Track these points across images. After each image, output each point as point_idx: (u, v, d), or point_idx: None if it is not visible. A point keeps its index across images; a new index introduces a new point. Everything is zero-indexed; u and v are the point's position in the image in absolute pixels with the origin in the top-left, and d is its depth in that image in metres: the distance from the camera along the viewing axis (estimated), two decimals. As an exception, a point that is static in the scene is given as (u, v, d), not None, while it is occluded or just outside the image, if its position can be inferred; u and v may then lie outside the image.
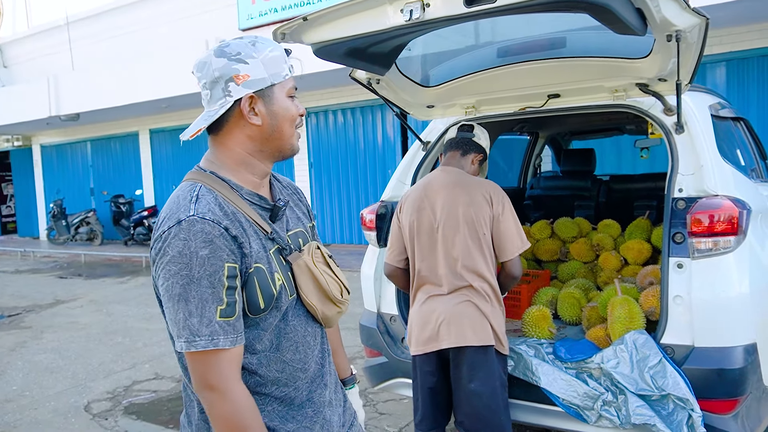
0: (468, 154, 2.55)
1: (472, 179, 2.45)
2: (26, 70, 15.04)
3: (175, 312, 1.12)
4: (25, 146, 15.90)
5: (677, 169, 2.32)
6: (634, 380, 2.14)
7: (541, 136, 4.92)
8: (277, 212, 1.29)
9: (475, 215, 2.33)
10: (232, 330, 1.14)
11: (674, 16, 1.90)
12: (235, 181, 1.25)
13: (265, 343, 1.25)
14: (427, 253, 2.41)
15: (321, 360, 1.37)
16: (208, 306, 1.11)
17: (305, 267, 1.28)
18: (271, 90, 1.23)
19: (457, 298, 2.31)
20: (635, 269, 3.03)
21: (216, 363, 1.13)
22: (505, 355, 2.35)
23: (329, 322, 1.38)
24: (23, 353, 5.37)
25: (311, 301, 1.29)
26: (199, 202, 1.16)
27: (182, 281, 1.11)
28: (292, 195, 1.45)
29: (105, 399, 4.13)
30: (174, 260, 1.11)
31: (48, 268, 11.23)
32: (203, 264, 1.11)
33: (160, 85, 10.33)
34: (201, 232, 1.12)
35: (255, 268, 1.19)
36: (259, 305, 1.20)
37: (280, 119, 1.25)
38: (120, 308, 7.10)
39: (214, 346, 1.12)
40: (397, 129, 9.96)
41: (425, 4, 1.86)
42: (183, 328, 1.12)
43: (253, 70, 1.20)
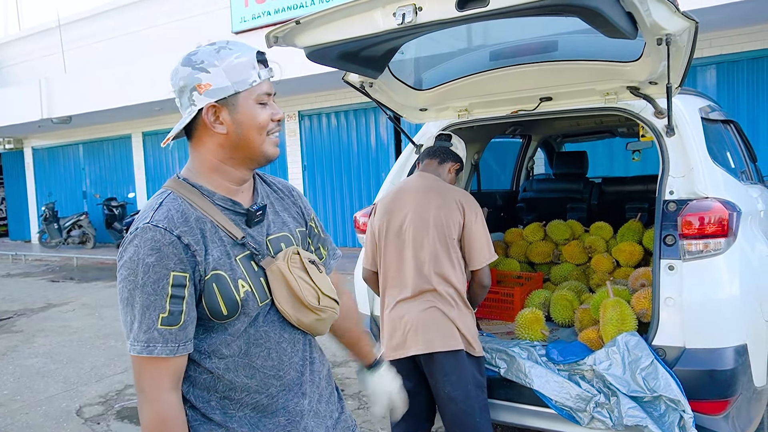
0: (445, 162, 2.57)
1: (445, 185, 2.48)
2: (18, 73, 14.97)
3: (124, 314, 1.16)
4: (17, 149, 15.81)
5: (668, 172, 2.34)
6: (626, 382, 2.15)
7: (533, 138, 4.94)
8: (252, 217, 1.28)
9: (445, 219, 2.34)
10: (173, 339, 1.15)
11: (664, 20, 1.92)
12: (208, 188, 1.25)
13: (233, 348, 1.24)
14: (395, 255, 2.43)
15: (301, 368, 1.33)
16: (149, 313, 1.13)
17: (278, 272, 1.26)
18: (235, 98, 1.21)
19: (423, 303, 2.33)
20: (627, 271, 3.04)
21: (149, 369, 1.15)
22: (479, 357, 2.35)
23: (311, 330, 1.34)
24: (14, 357, 5.33)
25: (284, 307, 1.27)
26: (160, 209, 1.18)
27: (129, 286, 1.14)
28: (283, 198, 1.42)
29: (97, 403, 4.10)
30: (125, 265, 1.15)
31: (39, 271, 11.16)
32: (148, 271, 1.13)
33: (153, 87, 10.28)
34: (151, 240, 1.14)
35: (213, 274, 1.19)
36: (221, 311, 1.20)
37: (245, 128, 1.23)
38: (112, 312, 7.06)
39: (149, 353, 1.13)
40: (391, 132, 9.98)
41: (417, 8, 1.87)
42: (129, 331, 1.15)
43: (215, 78, 1.20)
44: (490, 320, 3.03)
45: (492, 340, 2.56)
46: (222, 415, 1.25)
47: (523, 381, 2.37)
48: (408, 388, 2.40)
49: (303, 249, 1.37)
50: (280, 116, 1.28)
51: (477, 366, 2.32)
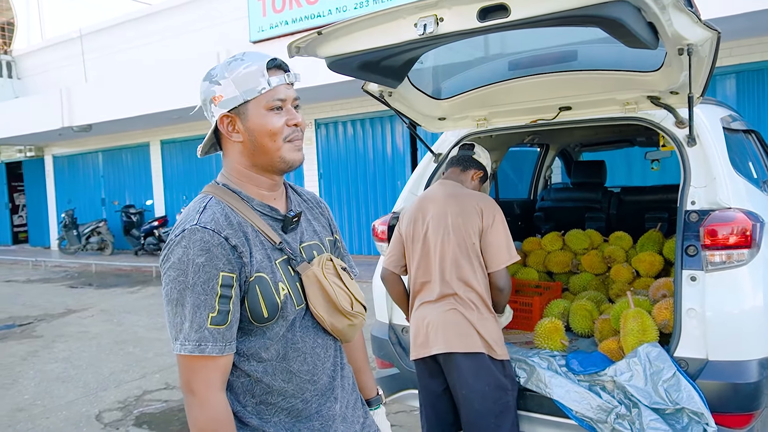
0: (468, 170, 2.61)
1: (465, 191, 2.50)
2: (40, 82, 15.25)
3: (172, 315, 1.18)
4: (38, 157, 16.07)
5: (689, 182, 2.33)
6: (647, 393, 2.13)
7: (551, 147, 4.92)
8: (288, 223, 1.31)
9: (464, 225, 2.37)
10: (222, 338, 1.17)
11: (686, 30, 1.91)
12: (246, 193, 1.29)
13: (272, 353, 1.26)
14: (420, 262, 2.48)
15: (333, 373, 1.37)
16: (200, 312, 1.15)
17: (314, 277, 1.29)
18: (245, 107, 1.25)
19: (445, 306, 2.38)
20: (647, 281, 3.02)
21: (201, 369, 1.17)
22: (503, 360, 2.35)
23: (342, 336, 1.38)
24: (35, 362, 5.40)
25: (319, 312, 1.30)
26: (205, 212, 1.22)
27: (179, 287, 1.16)
28: (312, 208, 1.47)
29: (116, 408, 4.14)
30: (174, 266, 1.17)
31: (59, 277, 11.31)
32: (198, 271, 1.15)
33: (171, 96, 10.43)
34: (200, 241, 1.17)
35: (256, 277, 1.22)
36: (262, 314, 1.22)
37: (257, 135, 1.26)
38: (130, 318, 7.14)
39: (200, 352, 1.16)
40: (407, 140, 10.00)
41: (439, 19, 1.89)
42: (179, 331, 1.17)
43: (225, 89, 1.25)
44: (508, 329, 3.01)
45: (511, 350, 2.54)
46: (258, 420, 1.27)
47: (543, 391, 2.35)
48: (433, 388, 2.47)
49: (335, 257, 1.41)
50: (295, 121, 1.28)
51: (501, 369, 2.33)
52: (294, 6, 9.88)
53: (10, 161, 16.78)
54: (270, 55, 1.29)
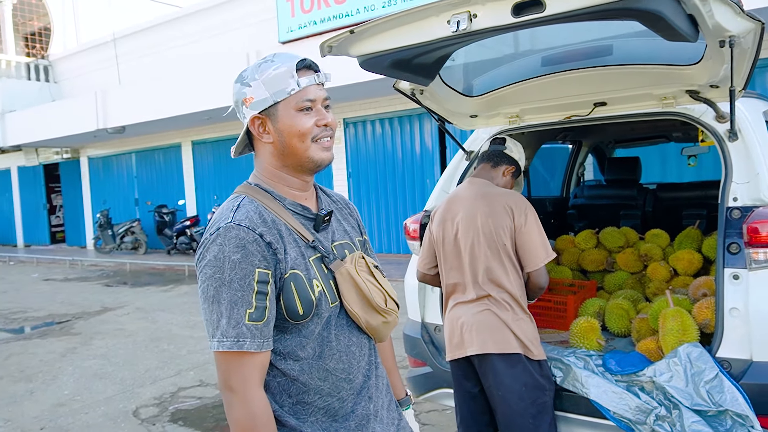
0: (499, 166, 2.57)
1: (495, 190, 2.46)
2: (75, 85, 15.64)
3: (210, 313, 1.18)
4: (74, 158, 16.49)
5: (731, 178, 2.26)
6: (689, 395, 2.08)
7: (584, 144, 4.85)
8: (320, 222, 1.33)
9: (494, 226, 2.33)
10: (260, 334, 1.18)
11: (727, 22, 1.86)
12: (278, 193, 1.31)
13: (308, 351, 1.27)
14: (452, 264, 2.47)
15: (367, 372, 1.37)
16: (237, 308, 1.16)
17: (347, 275, 1.30)
18: (275, 108, 1.26)
19: (479, 306, 2.36)
20: (686, 280, 2.95)
21: (239, 365, 1.17)
22: (539, 360, 2.33)
23: (376, 334, 1.37)
24: (73, 359, 5.54)
25: (354, 309, 1.30)
26: (239, 210, 1.23)
27: (215, 284, 1.17)
28: (342, 209, 1.48)
29: (152, 405, 4.22)
30: (210, 264, 1.18)
31: (95, 276, 11.58)
32: (234, 268, 1.16)
33: (202, 97, 10.58)
34: (235, 238, 1.18)
35: (291, 273, 1.23)
36: (297, 311, 1.23)
37: (286, 135, 1.27)
38: (164, 316, 7.27)
39: (239, 348, 1.16)
40: (436, 138, 9.96)
41: (472, 15, 1.87)
42: (216, 328, 1.17)
43: (256, 91, 1.26)
44: (542, 329, 2.97)
45: (546, 348, 2.51)
46: (295, 420, 1.27)
47: (579, 391, 2.32)
48: (468, 389, 2.45)
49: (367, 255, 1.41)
50: (325, 121, 1.29)
51: (538, 369, 2.31)
52: (322, 6, 9.93)
53: (48, 163, 17.25)
54: (300, 56, 1.29)
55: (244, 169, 12.71)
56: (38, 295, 9.54)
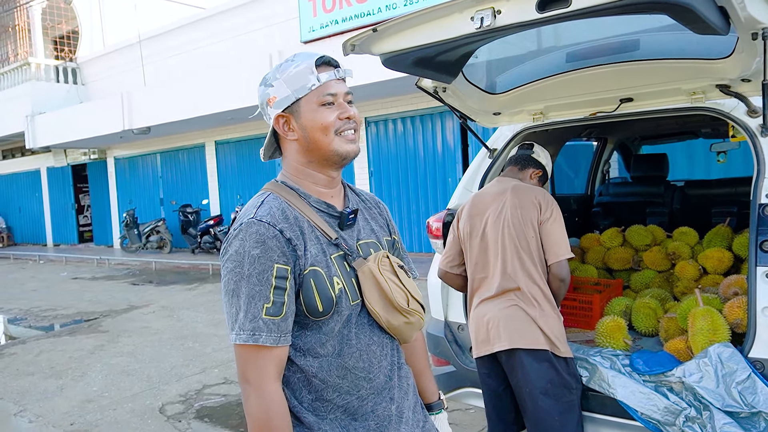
0: (526, 168, 2.59)
1: (522, 185, 2.48)
2: (102, 87, 15.91)
3: (229, 306, 1.21)
4: (101, 159, 16.78)
5: (764, 173, 2.21)
6: (720, 396, 2.03)
7: (609, 141, 4.78)
8: (345, 220, 1.33)
9: (522, 218, 2.35)
10: (276, 329, 1.19)
11: (760, 13, 1.81)
12: (303, 190, 1.32)
13: (328, 348, 1.27)
14: (479, 257, 2.46)
15: (389, 373, 1.36)
16: (255, 302, 1.18)
17: (369, 273, 1.29)
18: (298, 105, 1.28)
19: (505, 302, 2.34)
20: (715, 279, 2.89)
21: (255, 358, 1.19)
22: (566, 358, 2.30)
23: (399, 334, 1.37)
24: (101, 356, 5.64)
25: (375, 308, 1.30)
26: (262, 207, 1.25)
27: (235, 278, 1.19)
28: (371, 208, 1.48)
29: (178, 402, 4.28)
30: (231, 258, 1.21)
31: (122, 274, 11.77)
32: (254, 262, 1.19)
33: (225, 98, 10.68)
34: (255, 233, 1.20)
35: (311, 270, 1.24)
36: (317, 307, 1.24)
37: (310, 130, 1.29)
38: (189, 314, 7.36)
39: (254, 341, 1.18)
40: (458, 137, 9.92)
41: (496, 11, 1.85)
42: (234, 321, 1.20)
43: (278, 90, 1.29)
44: (568, 327, 2.93)
45: (572, 347, 2.48)
46: (314, 417, 1.27)
47: (606, 391, 2.29)
48: (493, 387, 2.44)
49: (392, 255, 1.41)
50: (348, 114, 1.30)
51: (564, 366, 2.28)
52: (344, 5, 9.95)
53: (76, 164, 17.58)
54: (319, 53, 1.32)
55: (266, 169, 12.80)
56: (67, 293, 9.73)
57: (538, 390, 2.26)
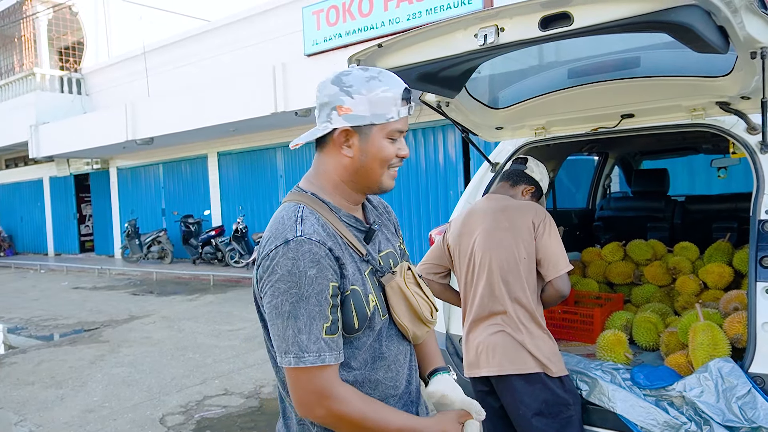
0: (518, 185, 2.54)
1: (514, 203, 2.43)
2: (106, 98, 16.01)
3: (284, 329, 1.17)
4: (103, 169, 16.84)
5: (763, 190, 2.23)
6: (720, 410, 2.04)
7: (610, 156, 4.81)
8: (372, 235, 1.34)
9: (513, 239, 2.31)
10: (336, 346, 1.19)
11: (759, 33, 1.85)
12: (334, 204, 1.31)
13: (360, 362, 1.28)
14: (468, 278, 2.44)
15: (409, 377, 1.39)
16: (315, 323, 1.16)
17: (398, 289, 1.31)
18: (369, 128, 1.25)
19: (492, 327, 2.32)
20: (716, 294, 2.90)
21: (322, 377, 1.18)
22: (561, 377, 2.29)
23: (417, 340, 1.40)
24: (102, 366, 5.64)
25: (403, 322, 1.32)
26: (305, 223, 1.22)
27: (292, 299, 1.16)
28: (381, 215, 1.49)
29: (178, 413, 4.27)
30: (283, 278, 1.16)
31: (122, 284, 11.77)
32: (312, 283, 1.16)
33: (228, 109, 10.75)
34: (309, 252, 1.17)
35: (351, 290, 1.24)
36: (353, 325, 1.24)
37: (370, 158, 1.27)
38: (190, 325, 7.36)
39: (321, 362, 1.17)
40: (460, 150, 9.97)
41: (500, 29, 1.89)
42: (292, 344, 1.17)
43: (357, 105, 1.24)
44: (568, 341, 2.95)
45: (572, 360, 2.49)
46: None
47: (605, 405, 2.29)
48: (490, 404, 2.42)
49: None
50: (404, 153, 1.31)
51: (559, 385, 2.27)
52: (348, 19, 10.03)
53: (78, 173, 17.64)
54: (404, 84, 1.29)
55: (268, 180, 12.85)
56: (68, 302, 9.74)
57: (532, 411, 2.24)
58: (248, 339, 6.35)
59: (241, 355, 5.72)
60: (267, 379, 4.88)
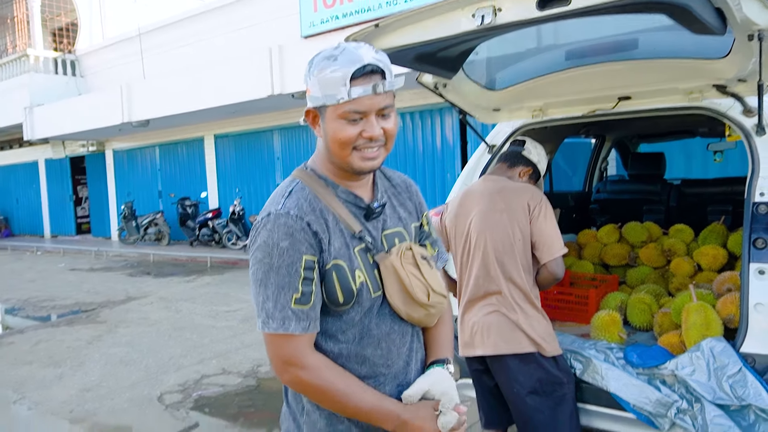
0: (515, 166, 2.54)
1: (510, 185, 2.44)
2: (101, 80, 15.89)
3: (256, 295, 1.24)
4: (99, 151, 16.76)
5: (758, 173, 2.25)
6: (711, 389, 2.08)
7: (607, 139, 4.82)
8: (371, 213, 1.33)
9: (509, 220, 2.33)
10: (305, 317, 1.22)
11: (756, 15, 1.84)
12: (332, 179, 1.32)
13: (348, 336, 1.30)
14: (463, 259, 2.47)
15: (408, 358, 1.38)
16: (283, 293, 1.21)
17: (391, 267, 1.31)
18: (324, 109, 1.24)
19: (487, 307, 2.35)
20: (710, 275, 2.93)
21: (287, 344, 1.23)
22: (555, 356, 2.32)
23: (420, 323, 1.38)
24: (99, 346, 5.67)
25: (394, 302, 1.32)
26: (290, 197, 1.26)
27: (264, 268, 1.22)
28: (400, 194, 1.46)
29: (176, 391, 4.31)
30: (260, 248, 1.23)
31: (119, 266, 11.79)
32: (282, 255, 1.21)
33: (225, 92, 10.69)
34: (284, 226, 1.22)
35: (333, 264, 1.25)
36: (338, 299, 1.26)
37: (329, 140, 1.25)
38: (187, 305, 7.39)
39: (285, 330, 1.21)
40: (457, 133, 9.95)
41: (497, 9, 1.88)
42: (261, 310, 1.23)
43: (312, 86, 1.24)
44: (562, 322, 2.99)
45: (566, 340, 2.52)
46: None
47: (598, 383, 2.33)
48: (485, 382, 2.48)
49: (416, 244, 1.41)
50: (369, 134, 1.23)
51: (553, 364, 2.31)
52: (344, 1, 9.95)
53: (74, 156, 17.56)
54: (364, 61, 1.21)
55: (265, 163, 12.82)
56: (65, 284, 9.76)
57: (526, 390, 2.28)
58: (245, 320, 6.39)
59: (238, 336, 5.76)
60: (264, 358, 4.92)
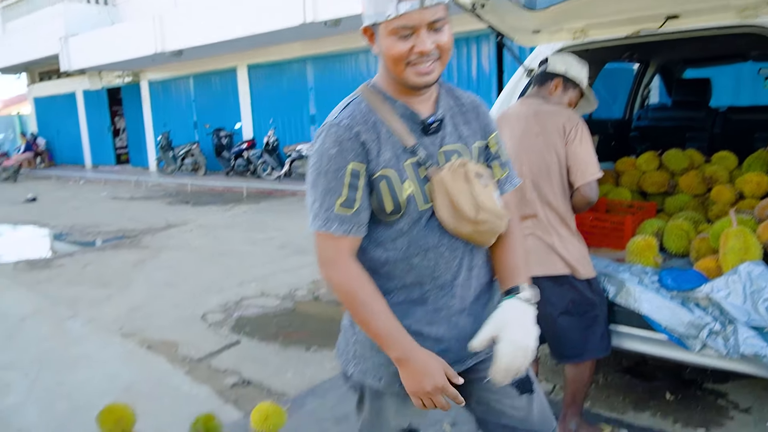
0: (545, 84, 2.49)
1: (546, 108, 2.39)
2: (133, 9, 15.77)
3: (308, 196, 1.35)
4: (134, 82, 16.87)
5: (811, 93, 2.15)
6: (745, 311, 2.08)
7: (651, 64, 4.64)
8: (427, 129, 1.37)
9: (545, 143, 2.31)
10: (348, 221, 1.31)
11: None
12: (391, 95, 1.36)
13: (397, 245, 1.36)
14: None
15: (456, 272, 1.40)
16: (329, 196, 1.30)
17: (441, 182, 1.33)
18: (377, 27, 1.28)
19: (523, 230, 2.29)
20: (752, 203, 2.87)
21: (328, 244, 1.33)
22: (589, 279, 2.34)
23: (471, 239, 1.38)
24: (144, 269, 5.93)
25: (442, 215, 1.35)
26: (346, 109, 1.34)
27: (315, 172, 1.33)
28: (467, 113, 1.45)
29: (218, 311, 4.52)
30: (314, 154, 1.34)
31: (158, 195, 12.11)
32: (330, 161, 1.30)
33: (257, 21, 10.52)
34: (334, 135, 1.31)
35: (382, 173, 1.31)
36: (385, 208, 1.33)
37: (384, 56, 1.30)
38: (226, 233, 7.60)
39: (326, 230, 1.31)
40: (493, 62, 9.67)
41: None
42: (310, 210, 1.34)
43: (365, 4, 1.30)
44: (598, 248, 2.99)
45: (600, 263, 2.53)
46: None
47: (631, 305, 2.35)
48: None
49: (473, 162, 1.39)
50: (420, 49, 1.24)
51: (587, 287, 2.34)
52: None
53: (111, 86, 17.73)
54: None
55: (299, 92, 12.74)
56: (108, 212, 10.11)
57: (558, 311, 2.33)
58: (282, 246, 6.56)
59: (275, 261, 5.94)
60: (300, 283, 5.09)
